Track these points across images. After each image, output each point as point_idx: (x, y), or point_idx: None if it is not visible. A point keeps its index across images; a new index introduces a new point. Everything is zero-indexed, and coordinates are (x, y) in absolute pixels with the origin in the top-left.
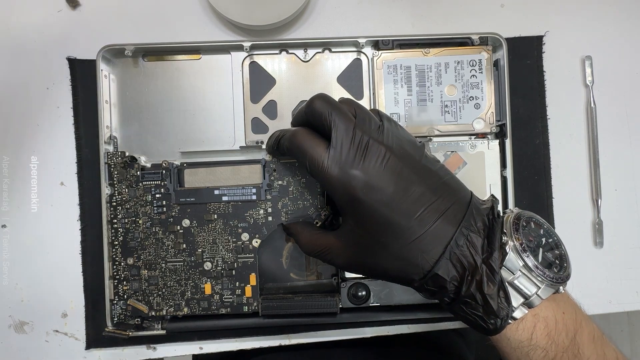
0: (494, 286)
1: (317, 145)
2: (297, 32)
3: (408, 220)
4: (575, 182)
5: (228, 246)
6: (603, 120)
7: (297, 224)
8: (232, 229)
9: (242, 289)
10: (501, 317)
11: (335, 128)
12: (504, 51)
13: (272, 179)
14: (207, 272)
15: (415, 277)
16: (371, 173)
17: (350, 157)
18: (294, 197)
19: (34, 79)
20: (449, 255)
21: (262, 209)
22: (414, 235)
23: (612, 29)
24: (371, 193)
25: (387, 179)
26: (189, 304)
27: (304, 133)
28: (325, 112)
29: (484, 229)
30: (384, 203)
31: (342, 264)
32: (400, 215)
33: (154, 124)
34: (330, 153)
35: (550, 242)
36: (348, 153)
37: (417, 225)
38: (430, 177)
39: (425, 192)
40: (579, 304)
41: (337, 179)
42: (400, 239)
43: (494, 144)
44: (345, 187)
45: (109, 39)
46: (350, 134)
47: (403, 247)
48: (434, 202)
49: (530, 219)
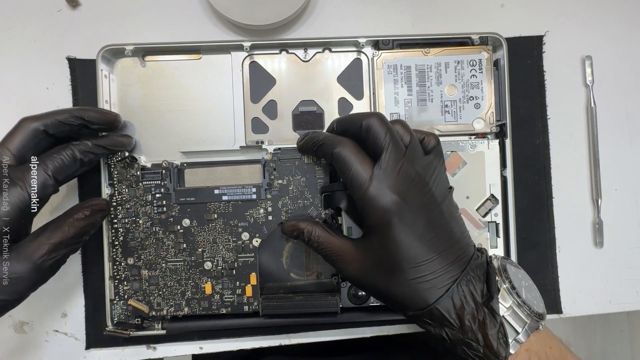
0: (495, 328)
1: (363, 162)
2: (297, 32)
3: (429, 256)
4: (575, 182)
5: (228, 246)
6: (603, 120)
7: (308, 220)
8: (232, 229)
9: (243, 288)
10: (501, 357)
11: (387, 151)
12: (504, 51)
13: (272, 178)
14: (208, 272)
15: (416, 307)
16: (411, 204)
17: (395, 183)
18: (294, 197)
19: (33, 78)
20: (451, 294)
21: (262, 208)
22: (429, 270)
23: (612, 29)
24: (406, 222)
25: (423, 214)
26: (190, 304)
27: (351, 146)
28: (382, 132)
29: (483, 274)
30: (415, 235)
31: (351, 275)
32: (425, 250)
33: (154, 123)
34: (375, 172)
35: (529, 285)
36: (395, 178)
37: (435, 262)
38: (455, 224)
39: (450, 236)
40: (560, 338)
41: (377, 199)
42: (416, 271)
43: (494, 144)
44: (383, 209)
45: (109, 38)
46: (401, 161)
47: (417, 278)
48: (453, 247)
49: (511, 263)
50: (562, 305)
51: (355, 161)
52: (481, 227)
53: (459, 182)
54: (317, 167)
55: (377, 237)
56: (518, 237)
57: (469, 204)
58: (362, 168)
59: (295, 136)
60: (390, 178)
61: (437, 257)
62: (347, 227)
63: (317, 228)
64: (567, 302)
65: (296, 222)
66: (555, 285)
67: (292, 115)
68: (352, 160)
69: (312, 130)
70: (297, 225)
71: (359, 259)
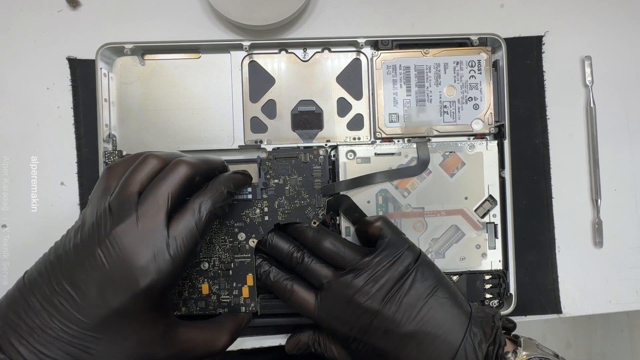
0: None
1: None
2: (297, 32)
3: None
4: (575, 182)
5: (225, 246)
6: (603, 120)
7: (306, 331)
8: (229, 229)
9: (240, 289)
10: None
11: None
12: (503, 52)
13: (268, 177)
14: (204, 272)
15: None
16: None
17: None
18: (291, 197)
19: (34, 79)
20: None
21: (258, 208)
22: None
23: (612, 29)
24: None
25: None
26: (187, 304)
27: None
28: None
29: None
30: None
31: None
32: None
33: (153, 122)
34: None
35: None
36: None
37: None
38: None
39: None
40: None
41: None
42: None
43: (492, 145)
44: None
45: (109, 39)
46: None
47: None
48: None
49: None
50: (562, 305)
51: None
52: (480, 228)
53: (458, 183)
54: (315, 166)
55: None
56: (518, 237)
57: (467, 205)
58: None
59: (294, 136)
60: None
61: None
62: (346, 227)
63: (318, 335)
64: (567, 302)
65: (298, 338)
66: (555, 285)
67: (291, 114)
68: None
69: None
70: (299, 340)
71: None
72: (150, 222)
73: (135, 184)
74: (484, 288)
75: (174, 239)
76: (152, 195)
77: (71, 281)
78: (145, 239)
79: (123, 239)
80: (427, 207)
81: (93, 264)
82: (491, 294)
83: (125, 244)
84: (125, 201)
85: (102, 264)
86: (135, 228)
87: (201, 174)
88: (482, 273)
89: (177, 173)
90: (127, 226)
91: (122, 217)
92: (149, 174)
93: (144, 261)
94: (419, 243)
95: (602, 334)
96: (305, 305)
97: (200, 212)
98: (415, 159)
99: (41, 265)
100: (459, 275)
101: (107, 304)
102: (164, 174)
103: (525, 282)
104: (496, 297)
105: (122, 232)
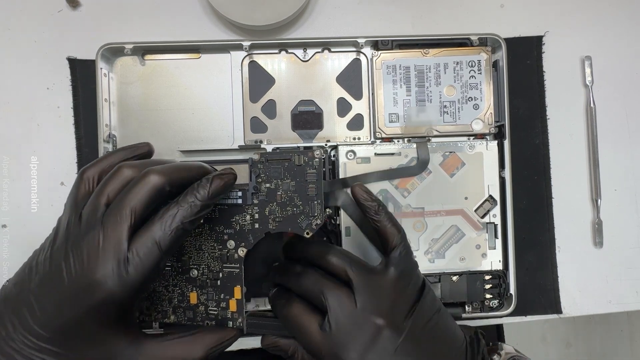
0: None
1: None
2: (297, 32)
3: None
4: (575, 182)
5: (214, 253)
6: (603, 120)
7: (289, 339)
8: (218, 235)
9: (227, 302)
10: None
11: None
12: (503, 52)
13: (259, 181)
14: (193, 280)
15: None
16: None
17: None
18: (283, 203)
19: (34, 79)
20: None
21: (248, 214)
22: None
23: (612, 29)
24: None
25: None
26: (176, 312)
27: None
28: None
29: None
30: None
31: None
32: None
33: (153, 122)
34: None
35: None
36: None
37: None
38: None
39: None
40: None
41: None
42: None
43: (492, 145)
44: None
45: (109, 38)
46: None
47: None
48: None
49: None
50: (562, 305)
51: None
52: (480, 229)
53: (458, 183)
54: (309, 170)
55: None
56: (518, 237)
57: (467, 205)
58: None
59: (294, 136)
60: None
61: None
62: (345, 227)
63: (297, 351)
64: (567, 302)
65: (277, 340)
66: (555, 285)
67: (291, 114)
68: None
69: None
70: (278, 343)
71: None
72: (112, 235)
73: (104, 195)
74: (484, 288)
75: (135, 254)
76: (116, 207)
77: (36, 293)
78: (105, 252)
79: (84, 251)
80: (427, 207)
81: (57, 276)
82: (491, 294)
83: (85, 257)
84: (93, 213)
85: (63, 277)
86: (97, 240)
87: (171, 184)
88: (482, 273)
89: (144, 184)
90: (91, 238)
91: (88, 229)
92: (121, 184)
93: (100, 274)
94: (419, 243)
95: (602, 334)
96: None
97: (165, 228)
98: (415, 159)
99: (18, 275)
100: (459, 275)
101: (62, 316)
102: (132, 186)
103: (525, 282)
104: (496, 297)
105: (85, 244)
